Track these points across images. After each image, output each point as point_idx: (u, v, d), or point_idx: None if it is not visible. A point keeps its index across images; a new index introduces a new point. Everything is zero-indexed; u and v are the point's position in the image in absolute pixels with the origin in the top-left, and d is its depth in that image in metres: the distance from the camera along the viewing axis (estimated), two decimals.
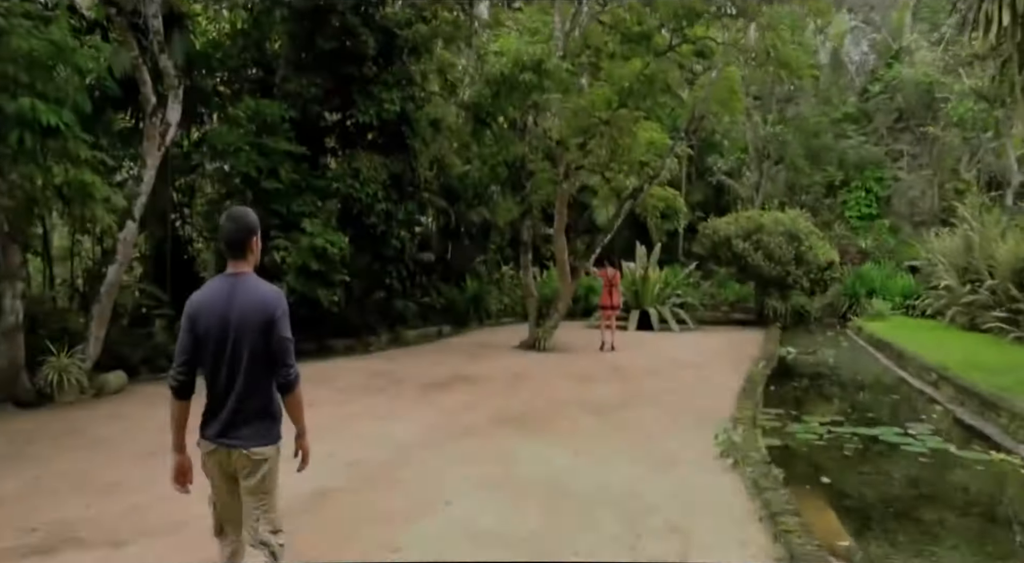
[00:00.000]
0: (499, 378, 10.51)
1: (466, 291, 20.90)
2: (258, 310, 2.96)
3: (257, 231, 3.11)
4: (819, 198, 30.46)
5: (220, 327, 2.95)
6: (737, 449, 5.95)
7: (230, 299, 2.98)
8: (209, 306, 2.99)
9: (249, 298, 2.98)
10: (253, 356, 2.97)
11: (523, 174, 14.36)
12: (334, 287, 12.15)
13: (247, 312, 2.95)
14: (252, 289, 3.01)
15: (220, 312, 2.96)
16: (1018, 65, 10.06)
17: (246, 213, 3.12)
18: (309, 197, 12.52)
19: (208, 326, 2.96)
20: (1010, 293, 14.67)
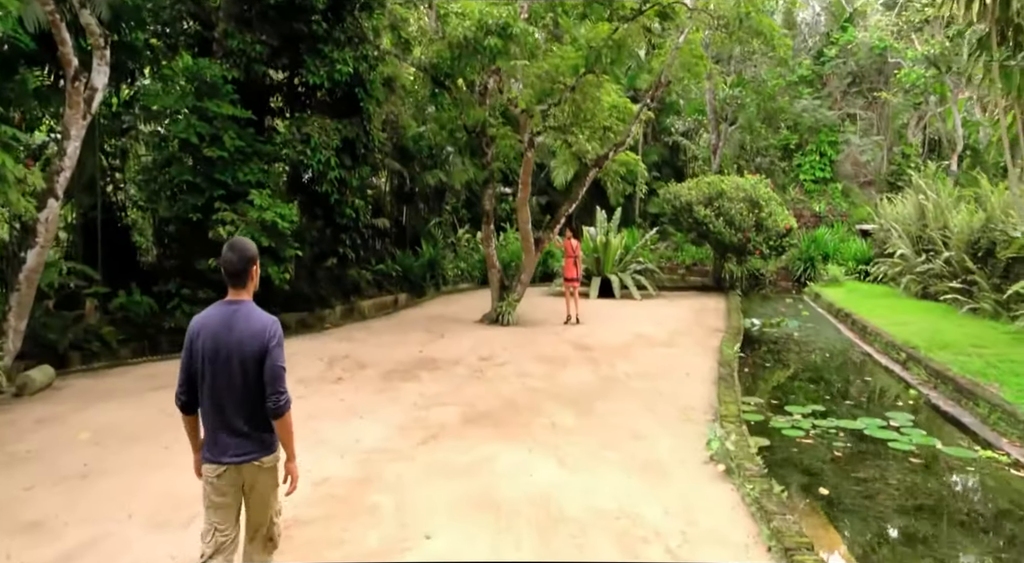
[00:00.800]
0: (465, 362, 10.01)
1: (422, 256, 20.22)
2: (254, 337, 3.13)
3: (256, 260, 3.29)
4: (774, 161, 30.56)
5: (215, 352, 3.14)
6: (731, 457, 5.62)
7: (229, 327, 3.15)
8: (209, 331, 3.16)
9: (247, 327, 3.15)
10: (248, 382, 3.15)
11: (483, 140, 13.63)
12: (286, 263, 11.34)
13: (244, 340, 3.13)
14: (250, 318, 3.18)
15: (216, 338, 3.14)
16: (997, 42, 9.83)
17: (247, 245, 3.26)
18: (256, 164, 11.54)
19: (206, 350, 3.14)
20: (964, 265, 14.85)
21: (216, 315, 3.20)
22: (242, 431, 3.19)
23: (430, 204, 22.48)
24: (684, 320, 14.58)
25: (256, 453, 3.23)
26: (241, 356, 3.13)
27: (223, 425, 3.19)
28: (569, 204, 14.13)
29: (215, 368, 3.15)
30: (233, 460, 3.20)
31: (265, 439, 3.27)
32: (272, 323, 3.22)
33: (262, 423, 3.23)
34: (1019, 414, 6.90)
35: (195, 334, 3.19)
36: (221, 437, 3.20)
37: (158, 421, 6.92)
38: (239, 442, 3.20)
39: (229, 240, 3.32)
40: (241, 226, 10.65)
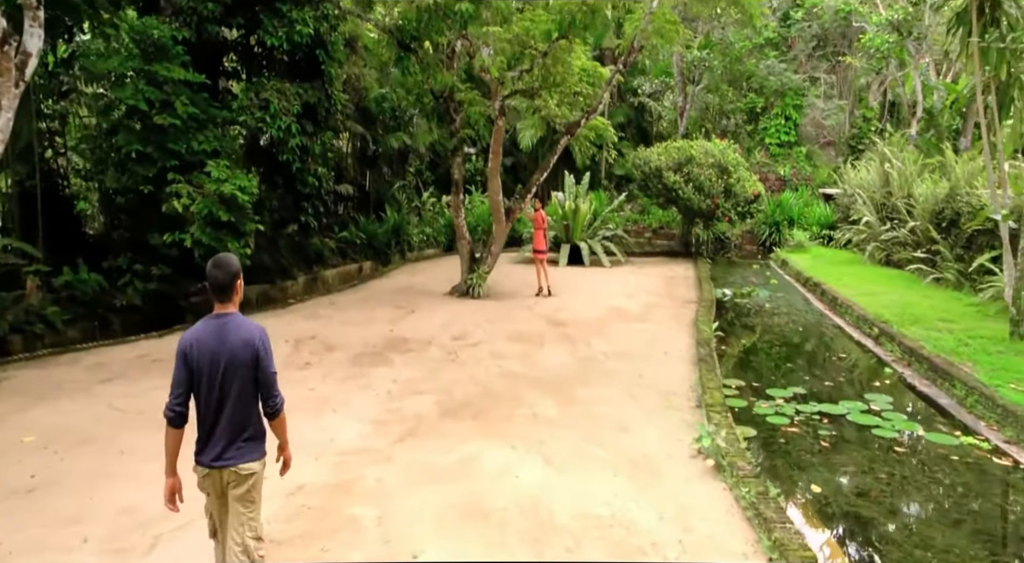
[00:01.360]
0: (438, 342, 9.70)
1: (386, 222, 19.67)
2: (245, 347, 3.32)
3: (240, 275, 3.45)
4: (740, 124, 30.46)
5: (211, 364, 3.30)
6: (722, 454, 5.48)
7: (220, 339, 3.32)
8: (201, 345, 3.32)
9: (238, 337, 3.33)
10: (241, 388, 3.34)
11: (451, 105, 13.07)
12: (246, 237, 10.75)
13: (236, 350, 3.31)
14: (239, 330, 3.35)
15: (211, 351, 3.31)
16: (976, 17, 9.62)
17: (231, 261, 3.42)
18: (211, 132, 10.84)
19: (200, 363, 3.31)
20: (929, 234, 15.01)
21: (207, 329, 3.37)
22: (228, 437, 3.37)
23: (393, 167, 21.79)
24: (655, 291, 14.47)
25: (238, 458, 3.40)
26: (234, 366, 3.32)
27: (212, 431, 3.37)
28: (540, 173, 13.73)
29: (210, 379, 3.33)
30: (217, 464, 3.37)
31: (248, 447, 3.43)
32: (260, 332, 3.42)
33: (248, 429, 3.42)
34: (996, 398, 6.92)
35: (188, 348, 3.35)
36: (209, 443, 3.39)
37: (110, 420, 6.49)
38: (223, 448, 3.37)
39: (214, 257, 3.45)
40: (198, 199, 10.03)
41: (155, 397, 6.97)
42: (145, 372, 8.05)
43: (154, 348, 9.19)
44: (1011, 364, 8.09)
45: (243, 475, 3.39)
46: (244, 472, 3.39)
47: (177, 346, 3.38)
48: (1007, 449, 6.28)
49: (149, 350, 9.07)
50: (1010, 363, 8.14)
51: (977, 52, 9.33)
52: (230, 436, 3.36)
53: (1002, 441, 6.47)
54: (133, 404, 6.93)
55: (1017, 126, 10.00)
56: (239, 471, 3.38)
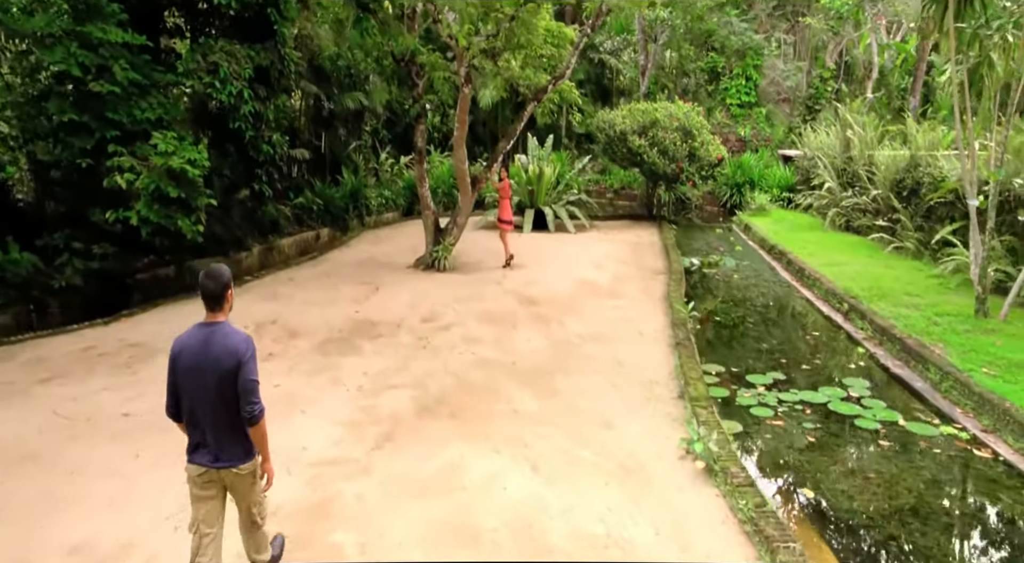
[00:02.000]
0: (407, 325, 9.33)
1: (343, 186, 18.92)
2: (230, 356, 3.42)
3: (231, 285, 3.59)
4: (701, 83, 30.18)
5: (196, 372, 3.44)
6: (714, 458, 5.35)
7: (206, 346, 3.44)
8: (188, 351, 3.46)
9: (223, 345, 3.44)
10: (226, 395, 3.44)
11: (413, 69, 12.38)
12: (197, 212, 10.06)
13: (220, 358, 3.42)
14: (225, 338, 3.47)
15: (197, 357, 3.44)
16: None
17: (222, 271, 3.56)
18: (155, 98, 10.00)
19: (186, 368, 3.46)
20: (890, 203, 15.15)
21: (195, 336, 3.51)
22: (221, 441, 3.53)
23: (349, 127, 20.86)
24: (623, 260, 14.29)
25: (233, 461, 3.56)
26: (219, 373, 3.42)
27: (203, 435, 3.53)
28: (507, 141, 13.23)
29: (195, 384, 3.47)
30: (213, 465, 3.54)
31: (242, 448, 3.59)
32: (246, 341, 3.52)
33: (239, 433, 3.56)
34: (972, 385, 6.97)
35: (177, 354, 3.52)
36: (202, 445, 3.55)
37: (55, 430, 5.97)
38: (218, 450, 3.53)
39: (207, 268, 3.59)
40: (143, 173, 9.29)
41: (104, 402, 6.50)
42: (91, 369, 7.45)
43: (100, 338, 8.55)
44: (980, 345, 8.18)
45: (242, 475, 3.62)
46: (243, 472, 3.62)
47: (169, 351, 3.56)
48: (985, 439, 6.33)
49: (94, 341, 8.43)
50: (978, 344, 8.23)
51: (953, 32, 9.19)
52: (223, 439, 3.53)
53: (979, 430, 6.52)
54: (80, 409, 6.40)
55: (987, 105, 9.98)
56: (239, 472, 3.60)
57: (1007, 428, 6.29)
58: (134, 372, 7.31)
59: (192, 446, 3.59)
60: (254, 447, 3.64)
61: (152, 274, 12.04)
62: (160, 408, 6.43)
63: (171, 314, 9.65)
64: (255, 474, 3.69)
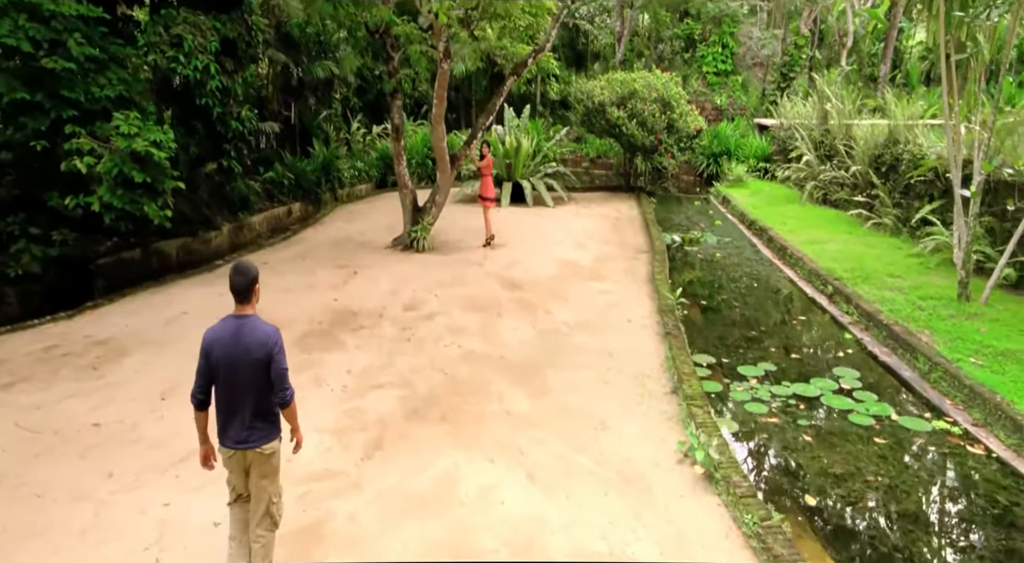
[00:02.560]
0: (389, 314, 9.05)
1: (315, 158, 18.32)
2: (260, 347, 3.67)
3: (258, 279, 3.81)
4: (678, 51, 29.76)
5: (229, 362, 3.66)
6: (715, 466, 5.25)
7: (237, 338, 3.67)
8: (221, 342, 3.68)
9: (253, 338, 3.67)
10: (256, 382, 3.70)
11: (388, 41, 11.83)
12: (164, 195, 9.54)
13: (251, 349, 3.66)
14: (255, 330, 3.70)
15: (229, 348, 3.66)
16: None
17: (250, 268, 3.78)
18: (115, 73, 9.38)
19: (219, 358, 3.67)
20: (869, 178, 15.13)
21: (227, 328, 3.75)
22: (248, 424, 3.79)
23: (319, 95, 20.11)
24: (604, 237, 14.09)
25: (257, 442, 3.82)
26: (249, 362, 3.69)
27: (233, 418, 3.78)
28: (486, 116, 12.82)
29: (227, 373, 3.71)
30: (239, 446, 3.82)
31: (266, 430, 3.85)
32: (273, 333, 3.78)
33: (264, 417, 3.83)
34: (963, 378, 6.97)
35: (209, 345, 3.75)
36: (231, 428, 3.80)
37: (19, 446, 5.61)
38: (245, 432, 3.79)
39: (234, 263, 3.86)
40: (105, 156, 8.74)
41: (72, 411, 6.15)
42: (55, 372, 7.03)
43: (64, 335, 8.08)
44: (965, 332, 8.19)
45: (265, 454, 3.87)
46: (266, 452, 3.87)
47: (201, 342, 3.78)
48: (977, 434, 6.35)
49: (58, 338, 7.96)
50: (964, 331, 8.25)
51: (942, 18, 9.02)
52: (250, 423, 3.78)
53: (970, 424, 6.54)
54: (46, 420, 6.02)
55: (972, 87, 9.88)
56: (262, 451, 3.85)
57: (998, 423, 6.30)
58: (101, 375, 6.92)
59: (222, 428, 3.83)
60: (277, 430, 3.93)
61: (116, 258, 11.50)
62: (131, 417, 6.15)
63: (139, 305, 9.21)
64: (274, 457, 3.94)
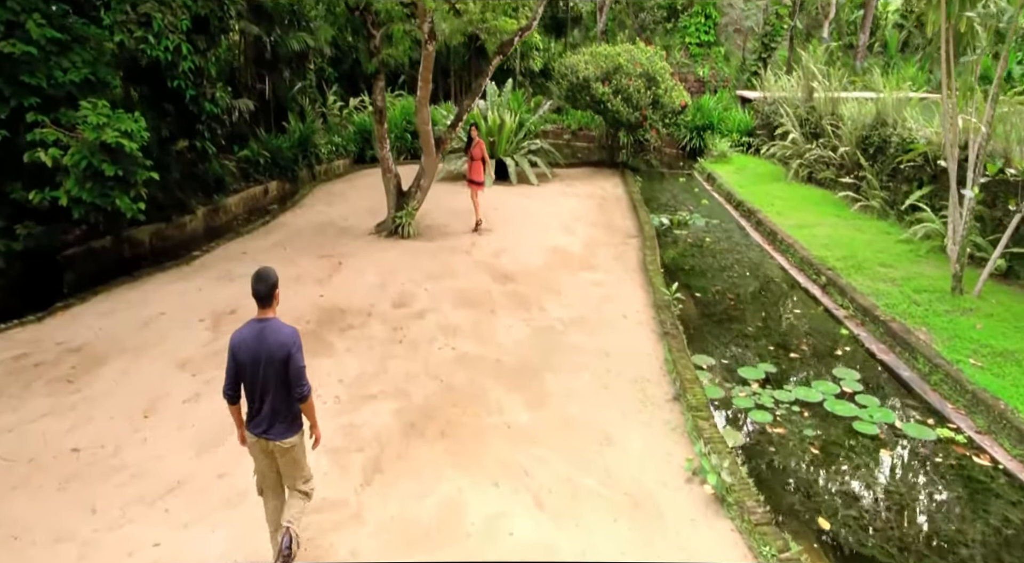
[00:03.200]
0: (378, 312, 8.74)
1: (291, 134, 17.69)
2: (281, 347, 4.02)
3: (278, 284, 4.17)
4: (659, 21, 29.19)
5: (253, 361, 4.05)
6: (728, 490, 5.11)
7: (260, 340, 4.04)
8: (246, 344, 4.07)
9: (274, 339, 4.03)
10: (277, 380, 4.07)
11: (369, 18, 11.26)
12: (136, 187, 9.03)
13: (273, 350, 4.02)
14: (275, 332, 4.06)
15: (253, 349, 4.05)
16: None
17: (270, 274, 4.13)
18: (79, 56, 8.78)
19: (245, 358, 4.07)
20: (856, 159, 15.02)
21: (251, 331, 4.09)
22: (271, 417, 4.15)
23: (293, 67, 19.33)
24: (592, 220, 13.84)
25: (279, 435, 4.17)
26: (271, 361, 4.03)
27: (258, 411, 4.17)
28: (471, 98, 12.38)
29: (252, 372, 4.08)
30: (263, 436, 4.17)
31: (288, 423, 4.19)
32: (292, 334, 4.11)
33: (286, 411, 4.17)
34: (965, 382, 6.92)
35: (236, 347, 4.09)
36: (256, 419, 4.18)
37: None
38: (268, 425, 4.16)
39: (256, 271, 4.15)
40: (73, 147, 8.21)
41: (48, 432, 5.80)
42: (27, 386, 6.62)
43: (34, 342, 7.64)
44: (962, 330, 8.15)
45: (285, 448, 4.20)
46: (286, 445, 4.20)
47: (229, 343, 4.14)
48: (981, 442, 6.31)
49: (28, 345, 7.50)
50: (960, 328, 8.21)
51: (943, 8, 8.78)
52: (272, 416, 4.14)
53: (974, 431, 6.50)
54: (20, 446, 5.65)
55: (968, 78, 9.71)
56: (281, 445, 4.19)
57: (1003, 431, 6.26)
58: (78, 389, 6.55)
59: (249, 418, 4.21)
60: (297, 424, 4.25)
61: (86, 248, 11.02)
62: (112, 439, 5.81)
63: (113, 304, 8.76)
64: (298, 449, 4.28)
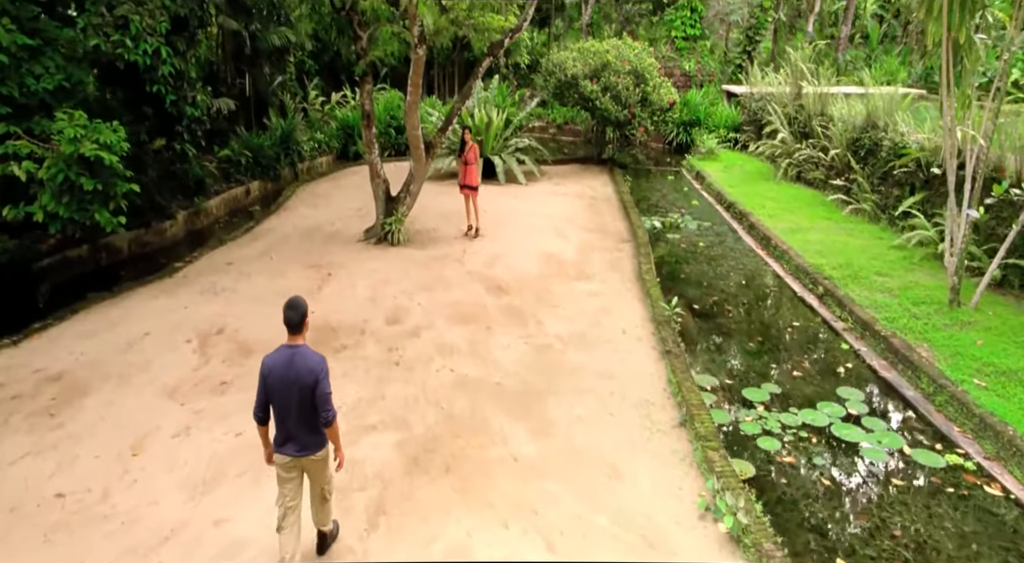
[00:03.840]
0: (371, 330, 8.47)
1: (272, 131, 17.23)
2: (309, 374, 4.27)
3: (307, 312, 4.41)
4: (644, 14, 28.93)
5: (283, 386, 4.29)
6: (744, 531, 4.97)
7: (290, 365, 4.28)
8: (276, 369, 4.31)
9: (303, 365, 4.28)
10: (304, 403, 4.32)
11: (355, 18, 10.89)
12: (116, 199, 8.64)
13: (301, 375, 4.27)
14: (304, 359, 4.31)
15: (283, 374, 4.28)
16: None
17: (300, 303, 4.37)
18: (51, 61, 8.34)
19: (275, 383, 4.31)
20: (847, 161, 14.97)
21: (282, 357, 4.31)
22: (300, 436, 4.39)
23: (273, 60, 18.82)
24: (584, 223, 13.64)
25: (309, 450, 4.44)
26: (299, 386, 4.25)
27: (287, 431, 4.39)
28: (461, 101, 12.06)
29: (283, 395, 4.29)
30: (295, 454, 4.42)
31: (316, 440, 4.46)
32: (320, 362, 4.33)
33: (313, 430, 4.42)
34: (971, 406, 6.85)
35: (267, 371, 4.31)
36: (286, 439, 4.40)
37: None
38: (298, 443, 4.40)
39: (288, 300, 4.38)
40: (48, 160, 7.81)
41: (29, 476, 5.49)
42: (5, 422, 6.22)
43: (10, 369, 7.21)
44: (962, 345, 8.11)
45: (317, 461, 4.52)
46: (318, 458, 4.51)
47: (260, 368, 4.35)
48: (991, 469, 6.24)
49: (3, 374, 7.08)
50: (961, 343, 8.17)
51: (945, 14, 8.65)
52: (303, 435, 4.39)
53: (982, 457, 6.43)
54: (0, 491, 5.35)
55: (965, 90, 9.63)
56: (315, 458, 4.49)
57: (1012, 459, 6.20)
58: (60, 424, 6.22)
59: (281, 441, 4.41)
60: (324, 439, 4.50)
61: (62, 257, 10.61)
62: (100, 482, 5.48)
63: (93, 324, 8.35)
64: (326, 460, 4.58)
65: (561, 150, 23.12)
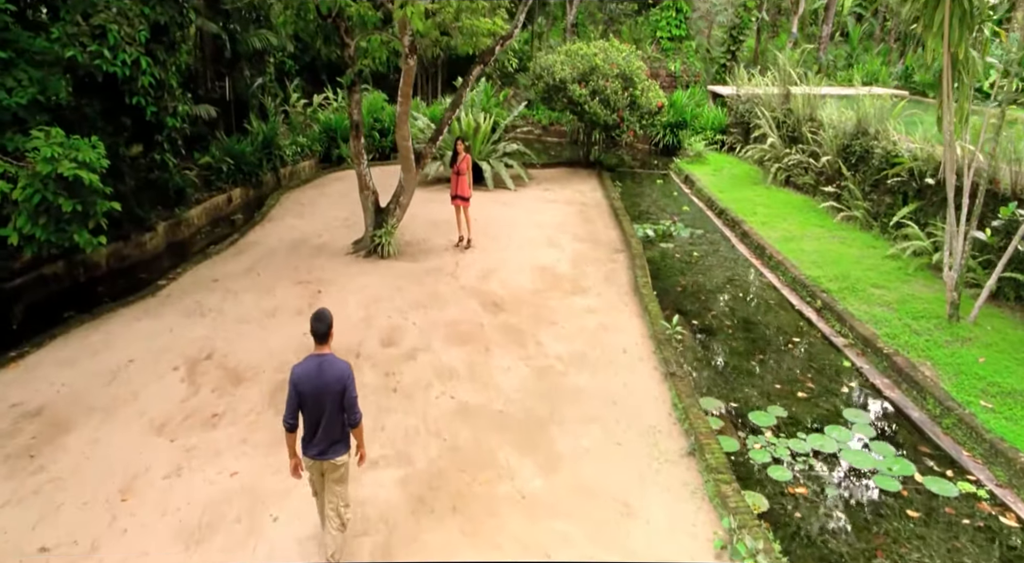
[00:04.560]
0: (366, 354, 8.19)
1: (254, 136, 16.79)
2: (337, 381, 4.59)
3: (333, 323, 4.71)
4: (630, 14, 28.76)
5: (313, 392, 4.57)
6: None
7: (319, 373, 4.56)
8: (307, 376, 4.57)
9: (332, 372, 4.58)
10: (332, 408, 4.63)
11: (342, 25, 10.55)
12: (95, 218, 8.25)
13: (330, 382, 4.58)
14: (332, 367, 4.61)
15: (313, 381, 4.56)
16: None
17: (326, 315, 4.66)
18: (24, 73, 7.94)
19: (307, 390, 4.57)
20: (838, 168, 14.93)
21: (311, 365, 4.58)
22: (325, 440, 4.65)
23: (253, 61, 18.33)
24: (575, 232, 13.43)
25: (332, 454, 4.69)
26: (328, 392, 4.57)
27: (315, 436, 4.64)
28: (452, 110, 11.79)
29: (312, 402, 4.59)
30: (319, 457, 4.68)
31: (339, 445, 4.71)
32: (347, 368, 4.66)
33: (339, 434, 4.69)
34: (981, 430, 6.77)
35: (298, 380, 4.58)
36: (313, 443, 4.66)
37: None
38: (324, 447, 4.66)
39: (315, 311, 4.68)
40: (22, 179, 7.42)
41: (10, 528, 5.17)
42: None
43: None
44: (966, 364, 8.06)
45: (337, 465, 4.73)
46: (338, 463, 4.73)
47: (290, 377, 4.58)
48: (1004, 498, 6.17)
49: None
50: (963, 361, 8.12)
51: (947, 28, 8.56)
52: (327, 440, 4.64)
53: (994, 484, 6.36)
54: None
55: (964, 104, 9.57)
56: (335, 463, 4.71)
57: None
58: (42, 466, 5.87)
59: (306, 442, 4.68)
60: (347, 444, 4.74)
61: (37, 275, 10.19)
62: (87, 532, 5.11)
63: (73, 351, 7.96)
64: (346, 467, 4.80)
65: (547, 151, 22.90)
